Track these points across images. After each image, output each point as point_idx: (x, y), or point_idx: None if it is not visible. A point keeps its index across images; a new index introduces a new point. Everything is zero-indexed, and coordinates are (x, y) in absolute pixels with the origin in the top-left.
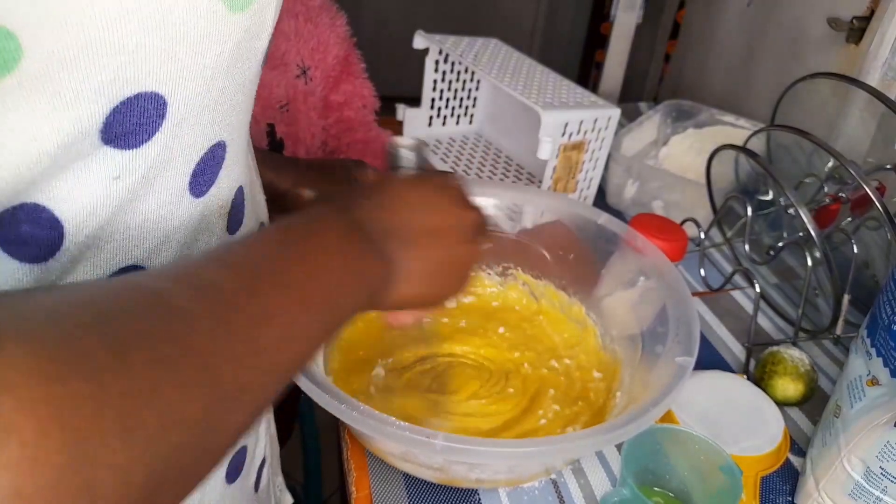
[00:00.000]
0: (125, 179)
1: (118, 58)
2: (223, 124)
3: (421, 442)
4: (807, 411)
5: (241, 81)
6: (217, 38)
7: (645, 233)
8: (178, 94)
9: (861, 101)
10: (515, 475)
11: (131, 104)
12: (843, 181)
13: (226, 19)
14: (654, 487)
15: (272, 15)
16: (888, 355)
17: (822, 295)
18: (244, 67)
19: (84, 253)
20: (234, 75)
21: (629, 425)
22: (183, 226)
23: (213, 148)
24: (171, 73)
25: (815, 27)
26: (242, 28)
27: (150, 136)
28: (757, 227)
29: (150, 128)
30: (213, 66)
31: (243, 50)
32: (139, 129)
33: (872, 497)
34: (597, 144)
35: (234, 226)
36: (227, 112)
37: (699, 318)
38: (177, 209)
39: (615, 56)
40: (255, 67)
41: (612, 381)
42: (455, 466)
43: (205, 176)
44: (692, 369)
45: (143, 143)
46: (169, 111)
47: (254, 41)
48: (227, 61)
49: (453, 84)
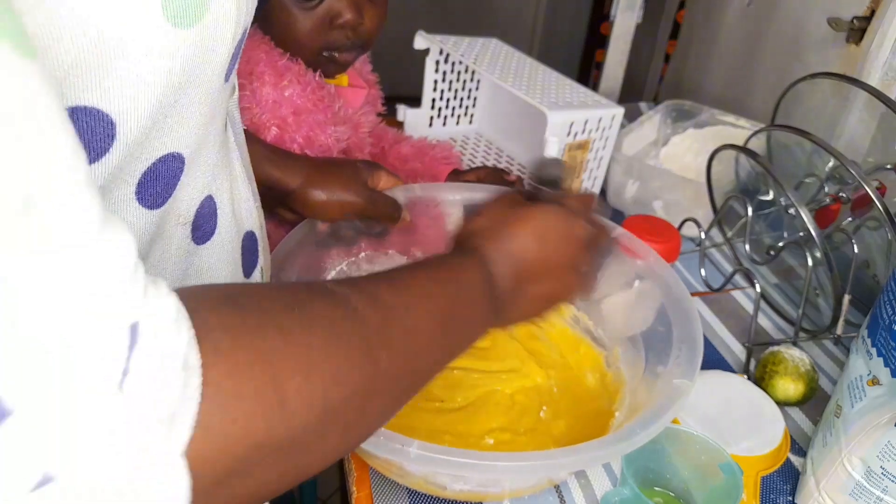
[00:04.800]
0: None
1: (54, 74)
2: (175, 136)
3: (395, 450)
4: (807, 411)
5: (199, 95)
6: (161, 54)
7: (638, 234)
8: (126, 110)
9: (861, 101)
10: (515, 488)
11: (70, 118)
12: (843, 181)
13: (171, 35)
14: (655, 487)
15: (232, 28)
16: (889, 355)
17: (822, 295)
18: (201, 81)
19: None
20: (187, 90)
21: (619, 444)
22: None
23: (164, 159)
24: (113, 90)
25: (815, 27)
26: (192, 43)
27: (99, 156)
28: (757, 227)
29: (99, 147)
30: (163, 82)
31: (196, 65)
32: (86, 147)
33: (873, 497)
34: (601, 144)
35: (203, 236)
36: (180, 125)
37: (699, 317)
38: (124, 218)
39: (615, 56)
40: (216, 81)
41: (613, 400)
42: (459, 483)
43: (156, 188)
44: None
45: (93, 161)
46: (118, 130)
47: (208, 55)
48: (178, 77)
49: (454, 84)
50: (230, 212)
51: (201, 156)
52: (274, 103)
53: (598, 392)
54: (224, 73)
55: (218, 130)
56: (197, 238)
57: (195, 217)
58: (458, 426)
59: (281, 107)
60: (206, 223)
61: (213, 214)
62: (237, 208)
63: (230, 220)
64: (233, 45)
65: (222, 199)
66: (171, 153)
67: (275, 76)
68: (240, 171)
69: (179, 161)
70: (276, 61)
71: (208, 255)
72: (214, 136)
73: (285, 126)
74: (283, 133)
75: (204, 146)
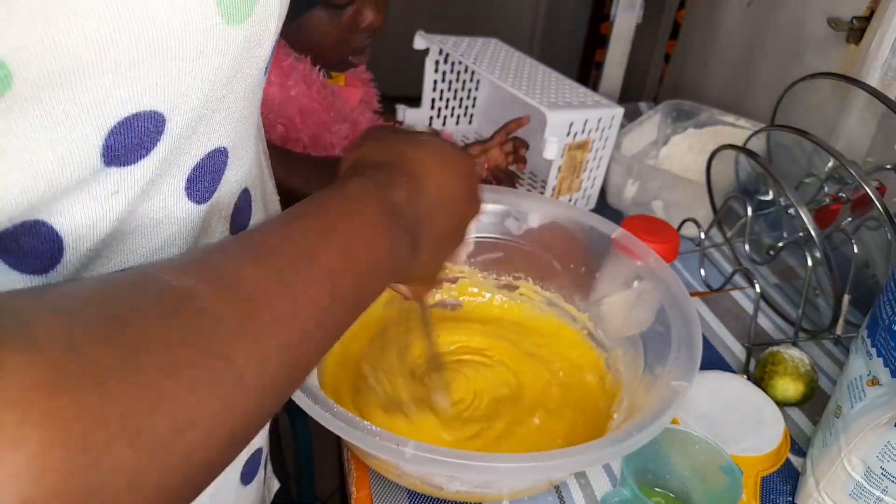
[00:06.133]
0: (125, 194)
1: (111, 77)
2: (223, 132)
3: (391, 450)
4: (807, 411)
5: (243, 89)
6: (215, 52)
7: (638, 234)
8: (176, 109)
9: (861, 101)
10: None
11: (129, 124)
12: (843, 181)
13: (224, 33)
14: (655, 487)
15: (275, 22)
16: (888, 355)
17: (822, 295)
18: (245, 76)
19: (85, 264)
20: (234, 85)
21: (618, 445)
22: (182, 231)
23: (212, 154)
24: (167, 90)
25: (815, 27)
26: (242, 39)
27: (147, 152)
28: (757, 227)
29: (149, 144)
30: (213, 78)
31: (244, 60)
32: (139, 147)
33: (873, 497)
34: (600, 144)
35: (238, 228)
36: (227, 120)
37: (698, 318)
38: (173, 214)
39: (615, 56)
40: (257, 75)
41: (612, 401)
42: (456, 484)
43: (204, 182)
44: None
45: (142, 158)
46: (167, 127)
47: (255, 50)
48: (226, 73)
49: (453, 84)
50: (262, 204)
51: (241, 149)
52: (280, 103)
53: (598, 393)
54: (265, 67)
55: (255, 123)
56: (233, 232)
57: (233, 210)
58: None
59: (287, 106)
60: (242, 217)
61: (247, 208)
62: (266, 201)
63: (261, 214)
64: (275, 38)
65: (255, 192)
66: (218, 148)
67: (280, 76)
68: (265, 164)
69: (225, 155)
70: (282, 61)
71: None
72: (252, 128)
73: (292, 125)
74: (289, 132)
75: (244, 139)
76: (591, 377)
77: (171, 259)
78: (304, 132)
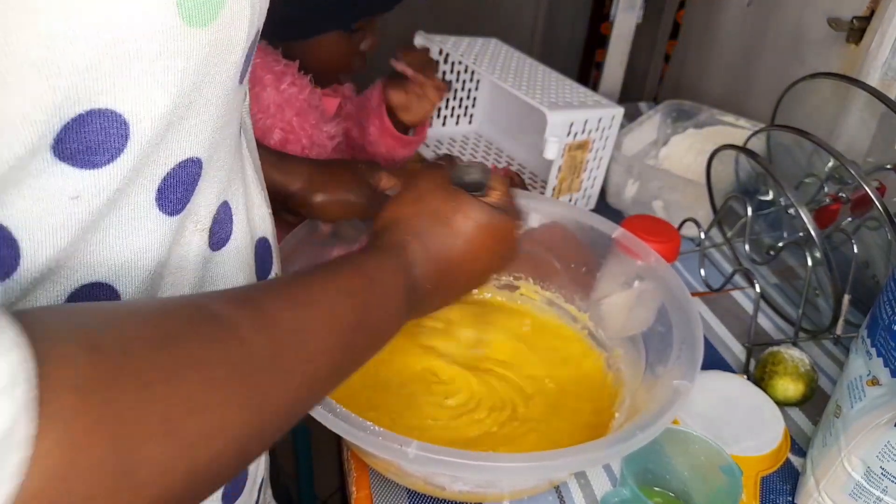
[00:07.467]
0: (88, 201)
1: (69, 78)
2: (194, 141)
3: (394, 450)
4: (807, 411)
5: (215, 97)
6: (177, 54)
7: (638, 234)
8: (141, 113)
9: (861, 101)
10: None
11: (84, 121)
12: (843, 181)
13: (186, 35)
14: (655, 487)
15: (246, 29)
16: (888, 355)
17: (822, 295)
18: (216, 83)
19: (45, 273)
20: (203, 91)
21: (619, 445)
22: (153, 243)
23: (184, 164)
24: (127, 90)
25: (815, 27)
26: (207, 43)
27: (113, 158)
28: (757, 227)
29: (113, 148)
30: (178, 82)
31: (212, 65)
32: (99, 149)
33: (873, 497)
34: (600, 144)
35: (219, 242)
36: (199, 129)
37: (699, 318)
38: (143, 225)
39: (615, 56)
40: (230, 83)
41: (614, 401)
42: (458, 484)
43: (176, 193)
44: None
45: (107, 163)
46: (132, 132)
47: (225, 55)
48: (192, 77)
49: (453, 84)
50: (244, 217)
51: (217, 160)
52: (278, 107)
53: (599, 393)
54: (238, 75)
55: (232, 134)
56: (213, 244)
57: (212, 223)
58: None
59: (285, 109)
60: (222, 229)
61: (228, 220)
62: (251, 214)
63: (244, 227)
64: (247, 45)
65: (237, 205)
66: (190, 158)
67: (275, 80)
68: (252, 177)
69: (197, 165)
70: (273, 66)
71: (223, 261)
72: (229, 140)
73: (290, 128)
74: (288, 135)
75: (219, 150)
76: (592, 377)
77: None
78: (303, 134)
